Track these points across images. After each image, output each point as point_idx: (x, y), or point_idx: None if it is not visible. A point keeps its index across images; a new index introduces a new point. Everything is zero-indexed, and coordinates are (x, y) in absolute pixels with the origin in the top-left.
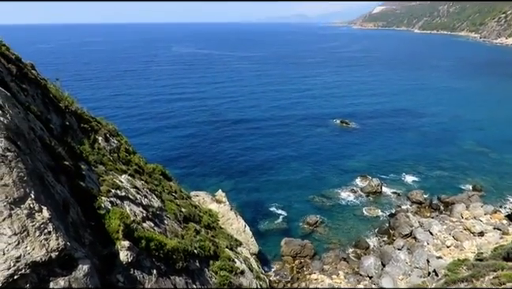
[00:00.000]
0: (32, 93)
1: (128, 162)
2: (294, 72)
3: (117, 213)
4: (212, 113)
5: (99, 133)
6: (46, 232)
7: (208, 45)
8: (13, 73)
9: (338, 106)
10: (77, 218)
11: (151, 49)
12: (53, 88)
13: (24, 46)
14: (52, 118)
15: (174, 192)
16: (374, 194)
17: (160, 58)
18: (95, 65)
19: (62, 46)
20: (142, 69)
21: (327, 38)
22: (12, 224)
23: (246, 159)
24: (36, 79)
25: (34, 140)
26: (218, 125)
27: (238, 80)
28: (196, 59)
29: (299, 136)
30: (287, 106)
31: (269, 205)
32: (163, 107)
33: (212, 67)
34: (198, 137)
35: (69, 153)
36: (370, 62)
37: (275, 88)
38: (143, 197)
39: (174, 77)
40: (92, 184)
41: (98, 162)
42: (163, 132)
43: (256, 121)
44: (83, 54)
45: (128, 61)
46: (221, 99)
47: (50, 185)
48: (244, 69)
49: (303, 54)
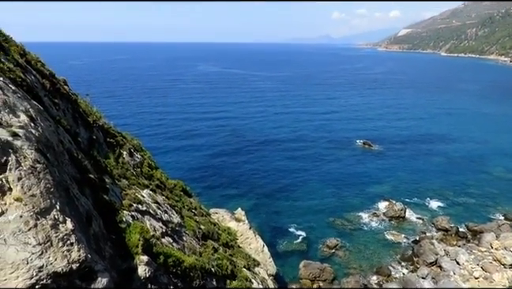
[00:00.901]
0: (63, 107)
1: (150, 177)
2: (317, 93)
3: (137, 228)
4: (235, 132)
5: (124, 148)
6: (68, 243)
7: (234, 64)
8: (47, 88)
9: (361, 129)
10: (98, 230)
11: (177, 67)
12: (83, 102)
13: (57, 63)
14: (80, 131)
15: (194, 208)
16: (397, 219)
17: (185, 76)
18: (123, 82)
19: (93, 63)
20: (168, 86)
21: (351, 59)
22: (37, 234)
23: (267, 179)
24: (68, 94)
25: (62, 153)
26: (240, 144)
27: (262, 100)
28: (221, 78)
29: (320, 157)
30: (309, 127)
31: (289, 226)
32: (188, 125)
33: (236, 86)
34: (220, 156)
35: (95, 166)
36: (394, 85)
37: (298, 108)
38: (163, 212)
39: (199, 96)
40: (115, 197)
41: (121, 176)
42: (186, 149)
43: (278, 141)
44: (112, 71)
45: (155, 79)
46: (245, 118)
47: (75, 197)
48: (268, 88)
49: (327, 75)
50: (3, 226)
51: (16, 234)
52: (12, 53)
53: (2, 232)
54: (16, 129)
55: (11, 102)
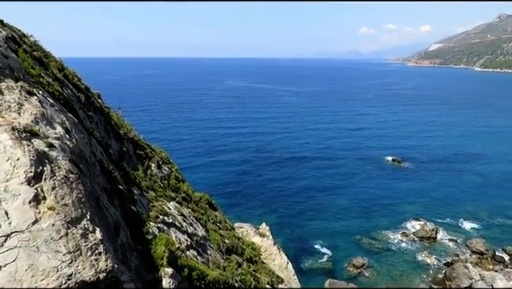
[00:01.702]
0: (96, 120)
1: (177, 189)
2: (345, 108)
3: (163, 239)
4: (261, 147)
5: (153, 160)
6: (97, 253)
7: (261, 79)
8: (82, 101)
9: (390, 145)
10: (125, 241)
11: (206, 82)
12: (115, 115)
13: (93, 77)
14: (112, 143)
15: (218, 222)
16: (428, 240)
17: (213, 91)
18: (153, 96)
19: (126, 77)
20: (197, 101)
21: (380, 74)
22: (67, 243)
23: (292, 195)
24: (101, 107)
25: (94, 164)
26: (267, 159)
27: (289, 115)
28: (248, 93)
29: (347, 173)
30: (337, 143)
31: (314, 243)
32: (215, 139)
33: (263, 101)
34: (246, 170)
35: (124, 178)
36: (426, 101)
37: (326, 124)
38: (189, 225)
39: (226, 110)
40: (143, 209)
41: (149, 188)
42: (213, 162)
43: (305, 156)
44: (143, 85)
45: (184, 94)
46: (272, 133)
47: (104, 207)
48: (295, 104)
49: (355, 90)
50: (36, 233)
51: (48, 242)
52: (51, 68)
53: (36, 240)
54: (52, 140)
55: (49, 114)
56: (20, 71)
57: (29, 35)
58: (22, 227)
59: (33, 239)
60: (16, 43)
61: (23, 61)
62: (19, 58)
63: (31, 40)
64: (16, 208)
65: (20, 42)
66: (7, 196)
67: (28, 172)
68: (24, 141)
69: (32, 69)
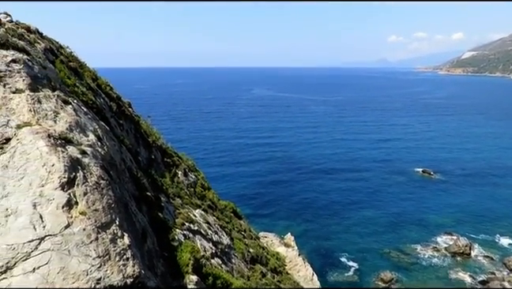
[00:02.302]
0: (126, 128)
1: (203, 197)
2: (374, 117)
3: (188, 247)
4: (288, 157)
5: (180, 168)
6: (124, 258)
7: (288, 88)
8: (113, 110)
9: (421, 157)
10: (152, 247)
11: (233, 91)
12: (144, 124)
13: (124, 87)
14: (141, 151)
15: (243, 231)
16: (461, 255)
17: (240, 100)
18: (182, 105)
19: (155, 87)
20: (224, 110)
21: (410, 83)
22: (97, 247)
23: (318, 205)
24: (131, 115)
25: (124, 171)
26: (293, 168)
27: (316, 125)
28: (275, 102)
29: (376, 184)
30: (365, 154)
31: (340, 255)
32: (241, 148)
33: (290, 111)
34: (272, 180)
35: (152, 185)
36: (458, 110)
37: (354, 133)
38: (214, 233)
39: (253, 120)
40: (169, 216)
41: (176, 195)
42: (239, 171)
43: (332, 167)
44: (172, 94)
45: (211, 103)
46: (298, 143)
47: (132, 213)
48: (322, 113)
49: (384, 99)
50: (68, 237)
51: (79, 246)
52: (85, 78)
53: (67, 243)
54: (85, 147)
55: (82, 122)
56: (56, 81)
57: (66, 47)
58: (55, 231)
59: (65, 243)
60: (54, 54)
61: (59, 71)
62: (56, 68)
63: (67, 51)
64: (50, 213)
65: (57, 53)
66: (42, 200)
67: (62, 178)
68: (59, 148)
69: (67, 79)
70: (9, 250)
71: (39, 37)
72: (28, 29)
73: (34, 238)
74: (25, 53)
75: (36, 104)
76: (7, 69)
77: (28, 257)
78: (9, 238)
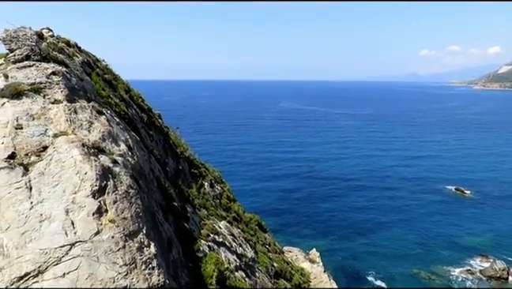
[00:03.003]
0: (156, 138)
1: (228, 209)
2: (405, 133)
3: (213, 258)
4: (315, 171)
5: (206, 179)
6: (150, 267)
7: (316, 102)
8: (144, 121)
9: (453, 174)
10: (177, 257)
11: (260, 104)
12: (173, 135)
13: (154, 98)
14: (169, 161)
15: (268, 244)
16: (498, 280)
17: (268, 113)
18: (210, 117)
19: (184, 99)
20: (251, 123)
21: (442, 98)
22: (124, 255)
23: (345, 221)
24: (161, 127)
25: (152, 180)
26: (319, 182)
27: (344, 139)
28: (303, 116)
29: (405, 201)
30: (395, 169)
31: (367, 273)
32: (268, 161)
33: (318, 125)
34: (299, 193)
35: (179, 195)
36: (494, 127)
37: (384, 148)
38: (238, 245)
39: (280, 133)
40: (194, 226)
41: (202, 206)
42: (265, 184)
43: (359, 181)
44: (200, 106)
45: (238, 116)
46: (326, 157)
47: (159, 222)
48: (351, 127)
49: (416, 114)
50: (97, 244)
51: (107, 253)
52: (119, 89)
53: (96, 250)
54: (116, 156)
55: (114, 132)
56: (92, 92)
57: (102, 60)
58: (85, 238)
59: (94, 249)
60: (91, 66)
61: (95, 83)
62: (92, 80)
63: (103, 64)
64: (81, 219)
65: (93, 66)
66: (74, 207)
67: (93, 186)
68: (92, 157)
69: (102, 91)
70: (42, 254)
71: (77, 51)
72: (68, 43)
73: (65, 243)
74: (64, 66)
75: (72, 114)
76: (47, 81)
77: (59, 261)
78: (42, 243)
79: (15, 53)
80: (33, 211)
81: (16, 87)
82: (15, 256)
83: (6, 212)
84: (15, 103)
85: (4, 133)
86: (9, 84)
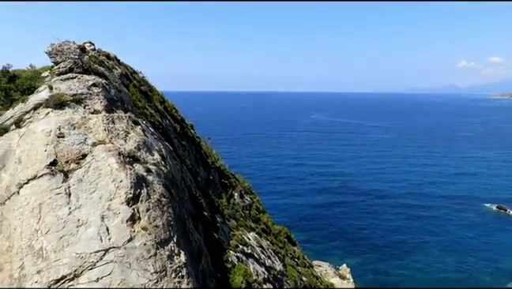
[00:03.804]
0: (188, 148)
1: (257, 220)
2: (443, 147)
3: (241, 270)
4: (347, 184)
5: (236, 190)
6: (180, 275)
7: (347, 114)
8: (177, 131)
9: (495, 191)
10: (206, 267)
11: (291, 116)
12: (204, 145)
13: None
14: (200, 171)
15: (297, 258)
16: None
17: (298, 125)
18: (241, 128)
19: (215, 110)
20: (281, 135)
21: (483, 111)
22: (155, 263)
23: (378, 237)
24: (193, 137)
25: (183, 190)
26: (351, 198)
27: (378, 152)
28: (334, 128)
29: (443, 219)
30: (432, 185)
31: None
32: (299, 173)
33: (350, 138)
34: (328, 207)
35: (209, 205)
36: None
37: (419, 163)
38: (267, 257)
39: (312, 145)
40: (224, 237)
41: (231, 216)
42: (295, 196)
43: (394, 198)
44: (231, 117)
45: (269, 127)
46: (358, 171)
47: (189, 232)
48: (385, 140)
49: (455, 127)
50: (130, 251)
51: (139, 260)
52: (154, 100)
53: (129, 256)
54: (150, 165)
55: (149, 142)
56: (129, 103)
57: (138, 72)
58: (119, 244)
59: (127, 256)
60: (128, 78)
61: (132, 94)
62: (129, 91)
63: (139, 76)
64: (116, 226)
65: (131, 78)
66: (109, 213)
67: (128, 193)
68: (127, 165)
69: (138, 102)
70: (78, 259)
71: (116, 63)
72: (108, 56)
73: (100, 249)
74: (104, 78)
75: (110, 124)
76: (88, 92)
77: (94, 266)
78: (79, 248)
79: (59, 65)
80: (71, 216)
81: (60, 97)
82: (53, 259)
83: (47, 216)
84: (58, 112)
85: (47, 141)
86: (53, 95)
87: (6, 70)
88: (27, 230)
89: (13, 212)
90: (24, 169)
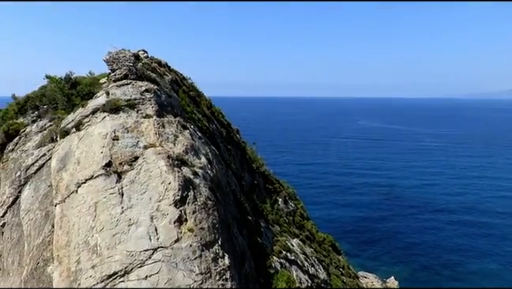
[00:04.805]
0: (233, 153)
1: (301, 227)
2: (506, 157)
3: (284, 276)
4: (396, 194)
5: (280, 195)
6: (224, 278)
7: (398, 120)
8: (223, 136)
9: None
10: (249, 271)
11: (337, 122)
12: (249, 150)
13: (233, 114)
14: (245, 175)
15: (341, 267)
16: None
17: (345, 131)
18: (286, 133)
19: (260, 115)
20: (328, 141)
21: None
22: (200, 264)
23: (429, 250)
24: (238, 142)
25: (228, 193)
26: (401, 208)
27: (431, 161)
28: (383, 134)
29: (502, 232)
30: (493, 199)
31: None
32: (344, 181)
33: (400, 144)
34: (377, 217)
35: (253, 209)
36: None
37: (478, 175)
38: (310, 265)
39: (359, 153)
40: (267, 242)
41: (275, 222)
42: (340, 204)
43: (449, 212)
44: (276, 123)
45: (315, 133)
46: (409, 180)
47: (234, 235)
48: (439, 149)
49: None
50: (177, 251)
51: (185, 261)
52: (202, 106)
53: (176, 257)
54: (197, 169)
55: (196, 146)
56: (178, 108)
57: (188, 78)
58: (166, 244)
59: (174, 256)
60: (178, 84)
61: (181, 99)
62: (179, 97)
63: (188, 82)
64: (164, 226)
65: (180, 84)
66: (158, 214)
67: (176, 195)
68: (176, 168)
69: (187, 107)
70: (129, 256)
71: (167, 70)
72: (160, 63)
73: (149, 247)
74: (156, 84)
75: (161, 128)
76: (141, 98)
77: (143, 264)
78: (129, 246)
79: (116, 72)
80: (123, 215)
81: (115, 102)
82: (106, 255)
83: (101, 214)
84: (113, 117)
85: (103, 143)
86: (109, 100)
87: (69, 77)
88: (83, 227)
89: (72, 209)
90: (83, 169)
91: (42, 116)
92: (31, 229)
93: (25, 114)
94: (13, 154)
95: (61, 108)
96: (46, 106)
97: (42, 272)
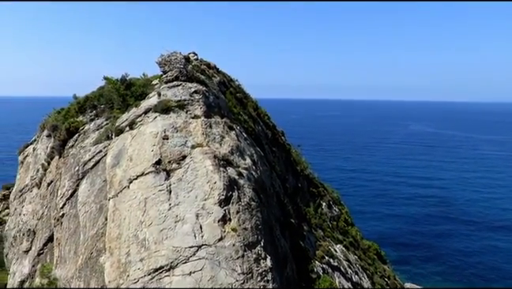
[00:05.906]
0: (278, 155)
1: (345, 233)
2: None
3: (327, 282)
4: (449, 204)
5: (324, 199)
6: (265, 280)
7: (452, 125)
8: (269, 137)
9: None
10: (291, 274)
11: (386, 125)
12: (294, 152)
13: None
14: (289, 178)
15: (387, 277)
16: None
17: (394, 135)
18: (331, 136)
19: (307, 117)
20: (376, 146)
21: None
22: (242, 264)
23: (483, 266)
24: (283, 144)
25: (272, 195)
26: (455, 220)
27: (489, 170)
28: (436, 140)
29: None
30: None
31: None
32: (393, 187)
33: (455, 152)
34: (427, 228)
35: (296, 212)
36: None
37: None
38: (354, 272)
39: (410, 159)
40: (310, 246)
41: (318, 226)
42: (387, 211)
43: (508, 226)
44: (322, 126)
45: (363, 137)
46: (465, 190)
47: (276, 237)
48: (499, 158)
49: None
50: (220, 250)
51: (228, 260)
52: (248, 107)
53: (219, 255)
54: (241, 169)
55: (242, 147)
56: (225, 109)
57: (235, 80)
58: (210, 242)
59: (217, 254)
60: (226, 86)
61: (228, 101)
62: (226, 98)
63: (236, 84)
64: (208, 224)
65: (228, 85)
66: (203, 212)
67: (221, 195)
68: (221, 168)
69: (234, 108)
70: (174, 252)
71: (215, 72)
72: (209, 65)
73: (193, 244)
74: (204, 85)
75: (208, 129)
76: (190, 98)
77: (187, 260)
78: (175, 242)
79: (167, 74)
80: (171, 212)
81: (166, 103)
82: (153, 249)
83: (150, 210)
84: (164, 117)
85: (154, 142)
86: (160, 101)
87: (124, 78)
88: (133, 221)
89: (123, 204)
90: (134, 166)
91: (99, 115)
92: (86, 220)
93: (84, 113)
94: (72, 150)
95: (116, 108)
96: (103, 105)
97: (95, 261)
